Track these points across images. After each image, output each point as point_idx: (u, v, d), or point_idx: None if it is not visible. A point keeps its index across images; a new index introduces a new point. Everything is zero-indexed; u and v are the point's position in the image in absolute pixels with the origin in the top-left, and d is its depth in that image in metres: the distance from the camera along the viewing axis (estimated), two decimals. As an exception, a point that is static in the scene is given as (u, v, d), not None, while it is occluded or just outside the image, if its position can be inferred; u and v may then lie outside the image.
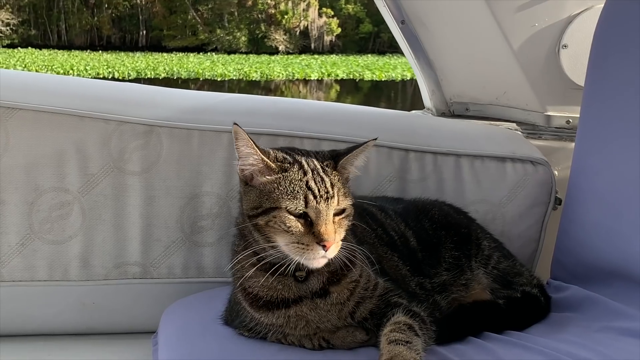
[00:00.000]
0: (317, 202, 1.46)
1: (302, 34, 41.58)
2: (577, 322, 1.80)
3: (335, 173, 1.53)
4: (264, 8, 40.53)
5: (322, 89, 25.64)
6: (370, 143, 1.56)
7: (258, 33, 40.68)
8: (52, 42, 41.25)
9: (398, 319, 1.51)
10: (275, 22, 40.28)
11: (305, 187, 1.47)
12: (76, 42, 41.48)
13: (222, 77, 26.80)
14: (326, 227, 1.45)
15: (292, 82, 27.02)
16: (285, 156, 1.54)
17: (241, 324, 1.63)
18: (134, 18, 42.45)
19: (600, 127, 2.03)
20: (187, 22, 41.47)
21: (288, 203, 1.47)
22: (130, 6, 42.04)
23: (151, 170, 2.02)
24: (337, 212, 1.49)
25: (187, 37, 41.19)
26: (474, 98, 2.81)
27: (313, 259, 1.46)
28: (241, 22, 40.41)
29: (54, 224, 1.99)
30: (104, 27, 41.85)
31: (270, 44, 39.82)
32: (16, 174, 1.96)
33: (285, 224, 1.46)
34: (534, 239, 2.24)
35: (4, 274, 1.98)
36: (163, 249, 2.05)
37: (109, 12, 41.89)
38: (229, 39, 40.15)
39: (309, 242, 1.45)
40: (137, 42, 42.52)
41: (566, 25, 2.51)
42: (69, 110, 1.99)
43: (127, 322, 2.09)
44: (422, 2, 2.61)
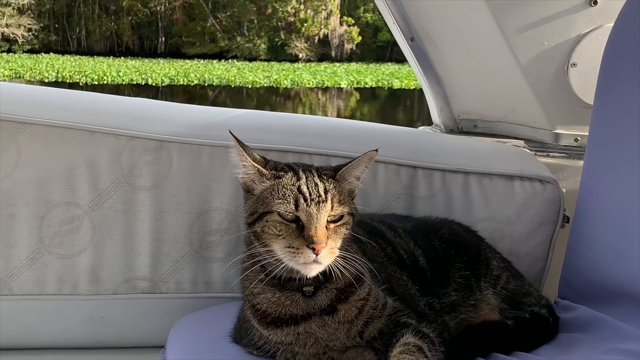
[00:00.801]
0: (307, 205, 1.47)
1: (321, 41, 41.56)
2: (585, 344, 1.79)
3: (332, 181, 1.53)
4: (284, 16, 40.59)
5: (342, 97, 25.64)
6: (369, 154, 1.56)
7: (277, 41, 40.77)
8: (72, 48, 41.58)
9: (407, 340, 1.51)
10: (295, 30, 40.31)
11: (296, 191, 1.49)
12: (95, 48, 41.87)
13: (253, 84, 26.95)
14: (316, 230, 1.45)
15: (311, 89, 27.11)
16: (282, 165, 1.56)
17: (250, 342, 1.63)
18: (153, 25, 42.75)
19: (609, 147, 2.03)
20: (206, 30, 41.61)
21: (279, 206, 1.48)
22: (150, 13, 42.22)
23: (161, 186, 2.02)
24: (333, 220, 1.49)
25: (207, 44, 41.44)
26: (483, 115, 2.80)
27: (305, 264, 1.46)
28: (261, 29, 40.52)
29: (64, 238, 1.99)
30: (124, 34, 42.22)
31: (291, 52, 39.85)
32: (27, 189, 1.96)
33: (277, 228, 1.48)
34: (542, 257, 2.23)
35: (14, 288, 1.98)
36: (172, 264, 2.05)
37: (128, 18, 42.11)
38: (249, 47, 40.30)
39: (300, 245, 1.45)
40: (156, 48, 42.81)
41: (575, 44, 2.50)
42: (80, 125, 1.99)
43: (135, 337, 2.09)
44: (432, 20, 2.61)
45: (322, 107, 23.01)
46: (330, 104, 23.90)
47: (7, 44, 38.81)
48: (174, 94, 24.29)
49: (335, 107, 23.15)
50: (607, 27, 2.43)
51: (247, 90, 26.30)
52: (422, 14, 2.60)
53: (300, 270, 1.49)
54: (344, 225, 1.51)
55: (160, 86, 25.82)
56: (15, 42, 38.95)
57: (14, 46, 38.82)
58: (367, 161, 1.57)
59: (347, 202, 1.53)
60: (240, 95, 25.48)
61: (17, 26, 38.58)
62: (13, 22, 38.63)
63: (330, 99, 25.35)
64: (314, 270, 1.48)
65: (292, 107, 22.92)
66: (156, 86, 25.67)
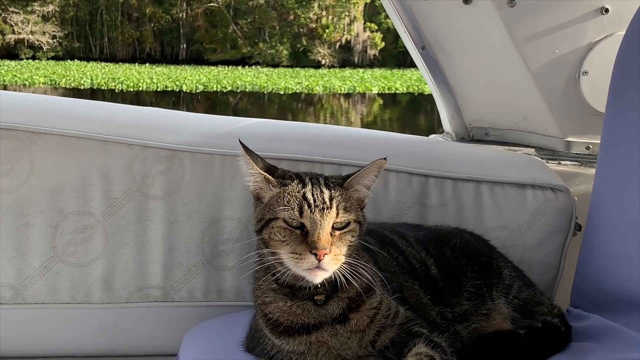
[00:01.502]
0: (311, 211, 1.47)
1: (342, 47, 41.55)
2: (598, 353, 1.78)
3: (339, 189, 1.53)
4: (305, 22, 40.65)
5: (365, 102, 25.64)
6: (378, 162, 1.55)
7: (299, 47, 40.81)
8: (94, 55, 41.99)
9: (419, 349, 1.51)
10: (317, 36, 40.34)
11: (301, 198, 1.49)
12: (118, 55, 42.28)
13: (285, 90, 27.16)
14: (319, 236, 1.45)
15: (334, 95, 27.19)
16: (291, 174, 1.57)
17: (263, 352, 1.63)
18: (175, 32, 43.10)
19: (621, 155, 2.02)
20: (227, 36, 41.85)
21: (284, 213, 1.49)
22: (172, 20, 42.48)
23: (173, 195, 2.03)
24: (339, 227, 1.50)
25: (228, 51, 41.65)
26: (494, 123, 2.80)
27: (309, 270, 1.46)
28: (283, 36, 40.58)
29: (77, 247, 2.00)
30: (147, 40, 42.61)
31: (313, 58, 39.87)
32: (41, 198, 1.98)
33: (281, 234, 1.49)
34: (554, 265, 2.22)
35: (27, 297, 1.99)
36: (184, 273, 2.06)
37: (151, 25, 42.38)
38: (271, 53, 40.41)
39: (303, 250, 1.46)
40: (178, 55, 43.09)
41: (587, 52, 2.50)
42: (93, 135, 2.01)
43: (148, 345, 2.09)
44: (443, 29, 2.61)
45: (362, 114, 23.01)
46: (366, 110, 23.94)
47: (32, 51, 39.19)
48: (210, 100, 24.54)
49: (372, 113, 23.16)
50: (618, 35, 2.43)
51: (279, 96, 26.45)
52: (433, 22, 2.61)
53: (305, 276, 1.49)
54: (349, 233, 1.51)
55: (195, 92, 26.01)
56: (40, 49, 39.35)
57: (38, 53, 39.26)
58: (376, 170, 1.56)
59: (354, 210, 1.53)
60: (273, 101, 25.66)
61: (41, 33, 39.04)
62: (37, 29, 39.04)
63: (365, 105, 25.37)
64: (319, 276, 1.48)
65: (327, 113, 23.02)
66: (190, 93, 25.88)
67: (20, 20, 38.54)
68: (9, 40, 38.45)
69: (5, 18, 38.29)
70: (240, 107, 23.78)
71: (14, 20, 38.50)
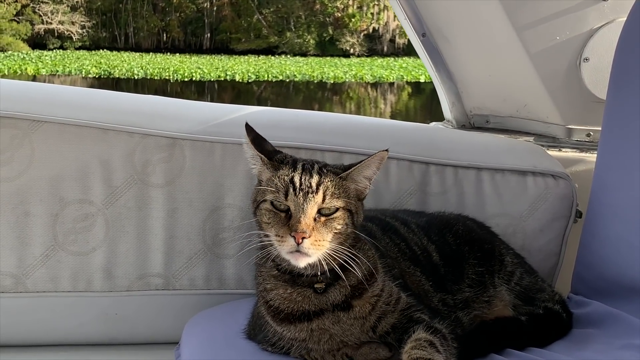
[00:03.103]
0: (295, 195, 1.47)
1: (369, 36, 41.25)
2: (599, 339, 1.79)
3: (333, 176, 1.52)
4: (332, 11, 40.44)
5: (394, 91, 25.58)
6: (379, 154, 1.54)
7: (325, 36, 40.60)
8: (120, 45, 42.04)
9: (419, 335, 1.51)
10: (342, 25, 40.09)
11: (288, 181, 1.50)
12: (143, 44, 42.30)
13: (335, 79, 27.12)
14: (300, 219, 1.45)
15: (360, 84, 27.12)
16: (289, 159, 1.57)
17: (264, 339, 1.63)
18: (200, 21, 43.02)
19: (622, 142, 2.02)
20: (252, 26, 41.74)
21: (271, 195, 1.50)
22: (197, 10, 42.41)
23: (174, 183, 2.03)
24: (326, 213, 1.49)
25: (254, 40, 41.48)
26: (495, 110, 2.80)
27: (291, 253, 1.47)
28: (311, 25, 40.39)
29: (78, 235, 2.00)
30: (173, 30, 42.62)
31: (341, 47, 39.59)
32: (41, 186, 1.97)
33: (267, 216, 1.50)
34: (555, 252, 2.23)
35: (28, 285, 1.99)
36: (185, 261, 2.06)
37: (177, 15, 42.36)
38: (299, 42, 40.20)
39: (284, 233, 1.46)
40: (202, 45, 43.00)
41: (587, 38, 2.50)
42: (93, 123, 2.00)
43: (149, 333, 2.10)
44: (444, 16, 2.61)
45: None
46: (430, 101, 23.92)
47: (59, 41, 39.38)
48: (235, 89, 24.54)
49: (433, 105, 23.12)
50: (619, 21, 2.43)
51: (306, 85, 26.39)
52: (433, 9, 2.61)
53: (289, 260, 1.49)
54: (336, 220, 1.49)
55: (247, 82, 26.03)
56: (67, 39, 39.53)
57: (66, 43, 39.42)
58: (377, 162, 1.55)
59: (344, 198, 1.51)
60: (324, 90, 25.62)
61: (70, 23, 39.26)
62: (66, 19, 39.26)
63: (394, 95, 25.27)
64: (301, 260, 1.48)
65: (390, 101, 23.11)
66: (243, 82, 25.91)
67: (50, 10, 38.77)
68: (38, 30, 38.71)
69: (34, 8, 38.47)
70: (264, 96, 23.71)
71: (43, 10, 38.70)
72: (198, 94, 23.38)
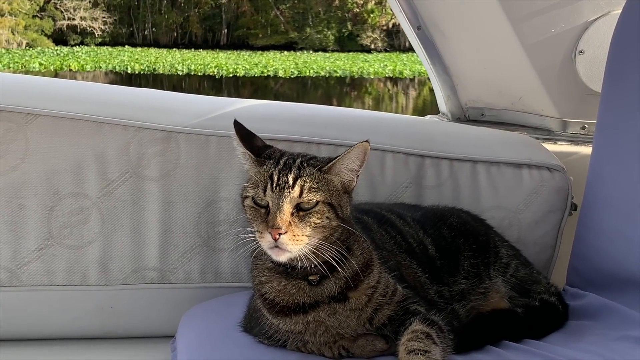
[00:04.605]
0: (272, 190, 1.47)
1: (388, 32, 40.99)
2: (594, 331, 1.79)
3: (313, 170, 1.51)
4: (351, 7, 40.35)
5: (415, 86, 25.51)
6: (360, 146, 1.50)
7: (344, 32, 40.52)
8: (138, 41, 41.93)
9: (416, 327, 1.51)
10: (361, 21, 39.96)
11: (267, 177, 1.49)
12: (161, 40, 42.22)
13: (375, 74, 26.84)
14: (275, 215, 1.45)
15: (380, 80, 26.86)
16: (276, 154, 1.56)
17: (261, 332, 1.63)
18: (217, 17, 42.92)
19: (617, 135, 2.03)
20: (269, 21, 41.72)
21: (252, 191, 1.50)
22: (215, 6, 42.48)
23: (169, 176, 2.03)
24: (305, 208, 1.48)
25: (273, 36, 41.35)
26: (490, 103, 2.81)
27: (271, 249, 1.47)
28: (330, 21, 40.32)
29: (73, 229, 2.00)
30: (193, 26, 42.56)
31: (362, 42, 39.45)
32: (36, 180, 1.97)
33: (249, 212, 1.51)
34: (550, 245, 2.24)
35: (23, 279, 1.99)
36: (180, 254, 2.06)
37: (195, 11, 42.47)
38: (319, 38, 40.06)
39: (263, 229, 1.46)
40: (219, 40, 42.96)
41: (582, 31, 2.51)
42: (87, 116, 2.00)
43: (144, 327, 2.10)
44: (439, 8, 2.61)
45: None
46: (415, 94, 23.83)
47: (80, 37, 39.51)
48: (254, 85, 24.37)
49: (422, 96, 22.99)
50: (614, 14, 2.43)
51: (326, 80, 26.19)
52: (428, 2, 2.60)
53: (270, 255, 1.50)
54: (315, 214, 1.48)
55: (290, 77, 25.86)
56: (88, 35, 39.58)
57: (86, 39, 39.49)
58: (359, 153, 1.51)
59: (326, 191, 1.50)
60: (342, 85, 25.47)
61: (91, 19, 39.46)
62: (87, 15, 39.42)
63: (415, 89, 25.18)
64: (280, 255, 1.48)
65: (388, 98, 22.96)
66: (234, 77, 25.70)
67: (72, 6, 38.97)
68: (60, 25, 38.85)
69: (55, 4, 38.66)
70: (280, 91, 23.59)
71: (65, 6, 38.89)
72: (216, 89, 23.31)
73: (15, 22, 35.55)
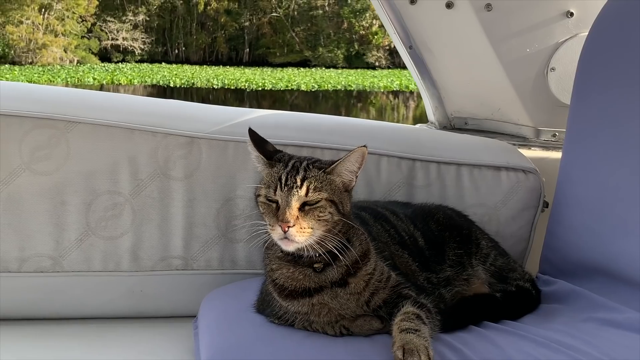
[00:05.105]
0: (281, 190, 1.49)
1: (390, 51, 41.06)
2: (564, 313, 1.80)
3: (318, 172, 1.52)
4: (358, 30, 40.61)
5: (414, 99, 25.52)
6: (359, 150, 1.52)
7: (352, 51, 40.87)
8: (171, 58, 42.47)
9: (407, 309, 1.51)
10: (367, 41, 40.15)
11: (277, 178, 1.51)
12: (191, 58, 42.71)
13: (384, 88, 27.03)
14: (285, 211, 1.46)
15: (383, 93, 26.99)
16: (285, 158, 1.57)
17: (272, 312, 1.64)
18: (240, 38, 43.53)
19: (584, 142, 2.03)
20: (287, 41, 42.25)
21: (265, 190, 1.52)
22: (239, 27, 43.11)
23: (192, 177, 2.03)
24: (311, 204, 1.49)
25: (289, 54, 41.84)
26: (472, 114, 2.81)
27: (280, 240, 1.48)
28: (340, 41, 40.77)
29: (108, 222, 2.00)
30: (220, 46, 43.22)
31: (367, 60, 39.71)
32: (76, 179, 1.97)
33: (262, 207, 1.52)
34: (525, 238, 2.23)
35: (65, 266, 2.00)
36: (202, 245, 2.06)
37: (222, 32, 42.88)
38: (330, 56, 40.46)
39: (274, 223, 1.48)
40: (242, 58, 43.45)
41: (554, 50, 2.51)
42: (121, 124, 2.00)
43: (170, 308, 2.10)
44: (428, 30, 2.61)
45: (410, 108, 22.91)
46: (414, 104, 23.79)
47: (121, 55, 40.22)
48: (272, 97, 24.46)
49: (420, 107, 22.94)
50: (581, 35, 2.43)
51: (336, 93, 26.32)
52: (419, 24, 2.60)
53: (280, 245, 1.51)
54: (318, 209, 1.49)
55: (311, 91, 26.08)
56: (128, 53, 40.39)
57: (127, 56, 40.20)
58: (358, 156, 1.52)
59: (329, 190, 1.51)
60: (350, 98, 25.58)
61: (132, 39, 40.43)
62: (129, 35, 40.37)
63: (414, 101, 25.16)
64: (289, 246, 1.49)
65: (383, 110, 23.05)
66: (256, 90, 25.90)
67: (116, 28, 40.00)
68: (105, 45, 39.77)
69: (101, 26, 39.69)
70: (295, 102, 23.63)
71: (109, 28, 39.92)
72: (239, 100, 23.41)
73: (68, 42, 36.36)
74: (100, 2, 39.14)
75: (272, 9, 42.51)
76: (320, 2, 42.06)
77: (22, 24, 35.23)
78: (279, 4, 42.39)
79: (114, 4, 40.82)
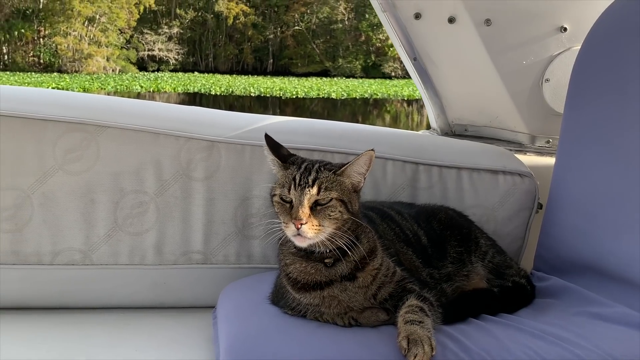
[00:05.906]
0: (295, 189, 1.49)
1: None
2: (557, 307, 1.79)
3: (329, 173, 1.52)
4: (375, 42, 40.86)
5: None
6: (367, 153, 1.52)
7: (369, 62, 41.25)
8: (202, 68, 43.02)
9: (411, 302, 1.52)
10: (383, 53, 40.51)
11: (291, 179, 1.51)
12: (220, 68, 43.25)
13: (409, 96, 26.93)
14: (297, 209, 1.47)
15: (397, 101, 26.97)
16: (299, 161, 1.58)
17: (285, 304, 1.64)
18: (265, 49, 44.24)
19: (576, 147, 2.03)
20: (308, 53, 42.73)
21: (280, 190, 1.52)
22: (264, 40, 43.78)
23: (212, 178, 2.04)
24: (322, 203, 1.50)
25: (310, 65, 42.31)
26: (472, 121, 2.81)
27: (294, 236, 1.49)
28: (358, 52, 41.25)
29: (134, 219, 2.01)
30: (246, 57, 43.96)
31: (384, 70, 40.02)
32: (105, 179, 1.99)
33: (277, 206, 1.53)
34: (520, 237, 2.23)
35: (94, 259, 2.01)
36: (220, 241, 2.07)
37: (249, 44, 43.41)
38: (349, 67, 40.89)
39: (288, 220, 1.48)
40: (266, 68, 43.98)
41: (548, 63, 2.50)
42: (147, 128, 2.01)
43: (191, 299, 2.11)
44: (431, 43, 2.61)
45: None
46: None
47: (156, 64, 41.12)
48: (295, 104, 24.48)
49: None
50: (574, 49, 2.43)
51: (354, 101, 26.26)
52: (423, 38, 2.61)
53: (294, 241, 1.51)
54: (329, 208, 1.49)
55: (303, 98, 26.10)
56: (163, 63, 41.40)
57: (162, 66, 41.06)
58: (366, 159, 1.53)
59: (339, 190, 1.51)
60: (367, 105, 25.52)
61: (166, 50, 41.63)
62: (164, 47, 41.56)
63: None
64: (302, 242, 1.50)
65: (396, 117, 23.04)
66: (300, 98, 26.00)
67: (152, 40, 41.12)
68: (142, 55, 40.72)
69: (138, 38, 40.67)
70: (315, 109, 23.65)
71: (146, 40, 40.98)
72: (264, 107, 23.46)
73: (110, 52, 37.11)
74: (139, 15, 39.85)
75: (295, 23, 43.07)
76: (340, 17, 42.46)
77: (69, 35, 35.99)
78: (301, 18, 42.94)
79: (149, 17, 41.67)
